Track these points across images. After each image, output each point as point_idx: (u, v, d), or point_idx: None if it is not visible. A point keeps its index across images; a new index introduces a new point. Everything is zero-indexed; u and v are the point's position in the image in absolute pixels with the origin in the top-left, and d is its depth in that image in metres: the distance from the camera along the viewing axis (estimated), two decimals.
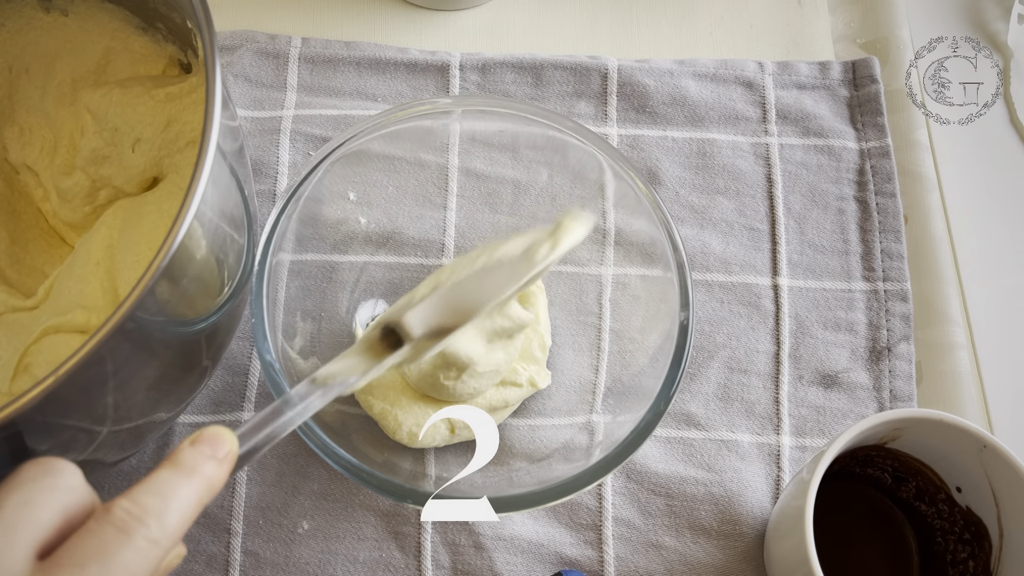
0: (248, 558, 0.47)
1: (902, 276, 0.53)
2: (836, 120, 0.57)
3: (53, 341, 0.42)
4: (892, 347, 0.52)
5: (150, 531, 0.26)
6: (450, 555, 0.47)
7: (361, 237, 0.51)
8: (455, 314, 0.37)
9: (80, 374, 0.30)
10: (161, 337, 0.36)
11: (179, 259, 0.32)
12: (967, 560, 0.44)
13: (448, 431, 0.46)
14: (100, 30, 0.47)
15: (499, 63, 0.57)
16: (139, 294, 0.30)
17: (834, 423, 0.50)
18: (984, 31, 0.61)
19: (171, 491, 0.28)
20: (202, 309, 0.38)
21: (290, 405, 0.33)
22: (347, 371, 0.35)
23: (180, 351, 0.38)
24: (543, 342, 0.50)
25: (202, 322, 0.38)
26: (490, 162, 0.53)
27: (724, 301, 0.52)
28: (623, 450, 0.42)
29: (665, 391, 0.42)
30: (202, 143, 0.33)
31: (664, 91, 0.57)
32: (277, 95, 0.56)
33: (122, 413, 0.36)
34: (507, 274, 0.37)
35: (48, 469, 0.27)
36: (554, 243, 0.38)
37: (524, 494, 0.41)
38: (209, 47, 0.35)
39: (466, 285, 0.37)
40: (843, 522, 0.47)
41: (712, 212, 0.54)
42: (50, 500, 0.26)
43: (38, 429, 0.32)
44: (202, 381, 0.43)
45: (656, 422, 0.42)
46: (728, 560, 0.47)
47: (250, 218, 0.42)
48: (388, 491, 0.41)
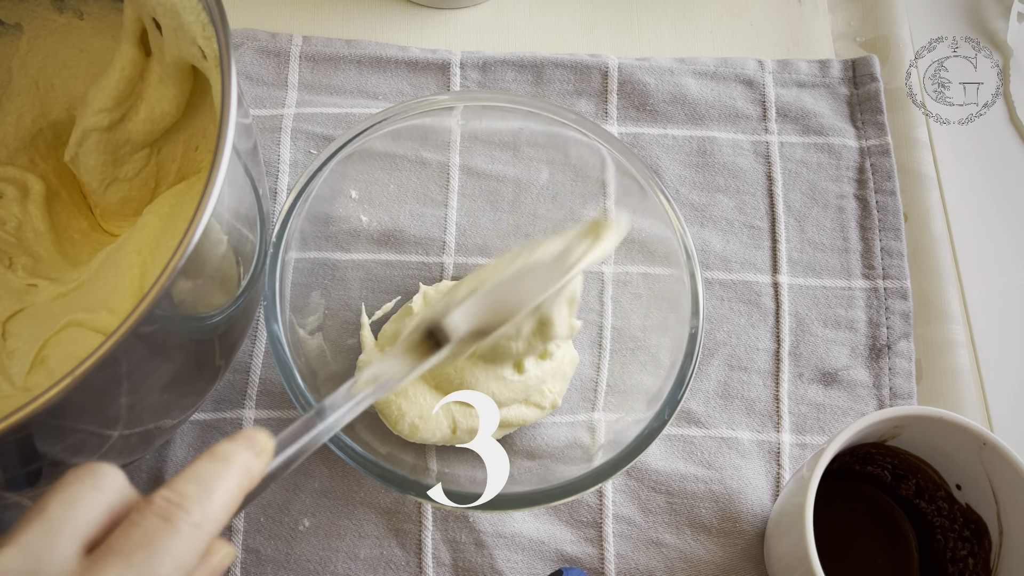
0: (249, 555, 0.47)
1: (902, 274, 0.53)
2: (836, 118, 0.57)
3: (73, 335, 0.42)
4: (892, 345, 0.52)
5: (191, 516, 0.27)
6: (451, 552, 0.47)
7: (363, 235, 0.52)
8: (495, 315, 0.37)
9: (93, 378, 0.30)
10: (176, 338, 0.36)
11: (195, 259, 0.32)
12: (967, 557, 0.44)
13: (450, 429, 0.46)
14: (114, 33, 0.47)
15: (500, 61, 0.57)
16: (153, 297, 0.31)
17: (834, 420, 0.50)
18: (983, 29, 0.61)
19: (210, 478, 0.28)
20: (217, 307, 0.38)
21: (331, 409, 0.34)
22: (390, 373, 0.36)
23: (194, 351, 0.38)
24: (573, 358, 0.49)
25: (217, 319, 0.38)
26: (491, 160, 0.53)
27: (724, 299, 0.53)
28: (626, 455, 0.42)
29: (672, 396, 0.42)
30: (218, 142, 0.33)
31: (664, 89, 0.57)
32: (278, 93, 0.56)
33: (134, 416, 0.36)
34: (545, 275, 0.38)
35: (92, 471, 0.27)
36: (591, 244, 0.38)
37: (527, 492, 0.41)
38: (224, 47, 0.35)
39: (505, 286, 0.38)
40: (843, 520, 0.47)
41: (712, 210, 0.55)
42: (95, 498, 0.27)
43: (49, 432, 0.32)
44: (214, 383, 0.43)
45: (660, 429, 0.42)
46: (728, 557, 0.47)
47: (263, 216, 0.42)
48: (391, 481, 0.41)
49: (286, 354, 0.43)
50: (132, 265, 0.43)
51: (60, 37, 0.47)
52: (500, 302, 0.37)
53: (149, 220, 0.44)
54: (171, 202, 0.45)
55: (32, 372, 0.42)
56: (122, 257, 0.43)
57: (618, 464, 0.41)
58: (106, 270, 0.44)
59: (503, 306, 0.37)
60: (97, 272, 0.44)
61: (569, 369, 0.49)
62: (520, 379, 0.46)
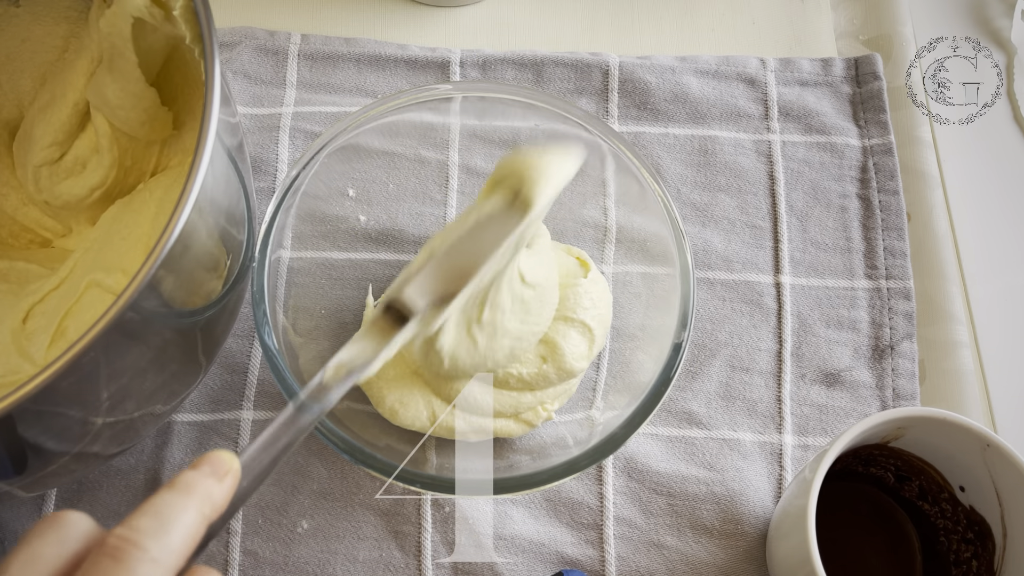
0: (247, 557, 0.46)
1: (905, 274, 0.53)
2: (839, 117, 0.57)
3: (91, 300, 0.41)
4: (895, 345, 0.51)
5: (147, 551, 0.26)
6: (451, 553, 0.47)
7: (361, 235, 0.51)
8: (454, 279, 0.36)
9: (75, 366, 0.30)
10: (157, 329, 0.35)
11: (175, 253, 0.32)
12: (970, 560, 0.44)
13: (428, 420, 0.46)
14: (54, 16, 0.46)
15: (500, 59, 0.57)
16: (136, 287, 0.30)
17: (836, 422, 0.50)
18: (987, 28, 0.61)
19: (168, 510, 0.27)
20: (199, 301, 0.37)
21: (305, 410, 0.33)
22: (357, 358, 0.35)
23: (176, 344, 0.38)
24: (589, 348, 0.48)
25: (199, 315, 0.38)
26: (491, 159, 0.53)
27: (726, 299, 0.52)
28: (608, 441, 0.42)
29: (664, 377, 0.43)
30: (201, 129, 0.33)
31: (666, 88, 0.57)
32: (276, 92, 0.56)
33: (116, 404, 0.36)
34: (499, 226, 0.37)
35: (55, 523, 0.27)
36: (542, 182, 0.36)
37: (518, 476, 0.41)
38: (208, 36, 0.35)
39: (460, 247, 0.37)
40: (846, 522, 0.47)
41: (714, 209, 0.54)
42: (57, 552, 0.26)
43: (31, 418, 0.32)
44: (197, 377, 0.43)
45: (646, 413, 0.42)
46: (730, 560, 0.47)
47: (251, 213, 0.41)
48: (389, 473, 0.41)
49: (275, 354, 0.43)
50: (144, 228, 0.42)
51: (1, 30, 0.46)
52: (457, 264, 0.36)
53: (160, 182, 0.44)
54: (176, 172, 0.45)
55: (52, 345, 0.41)
56: (142, 205, 0.43)
57: (597, 453, 0.42)
58: (127, 208, 0.43)
59: (461, 267, 0.36)
60: (109, 230, 0.44)
61: (583, 362, 0.48)
62: (513, 395, 0.46)
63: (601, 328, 0.47)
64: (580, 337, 0.46)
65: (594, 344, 0.47)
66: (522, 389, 0.46)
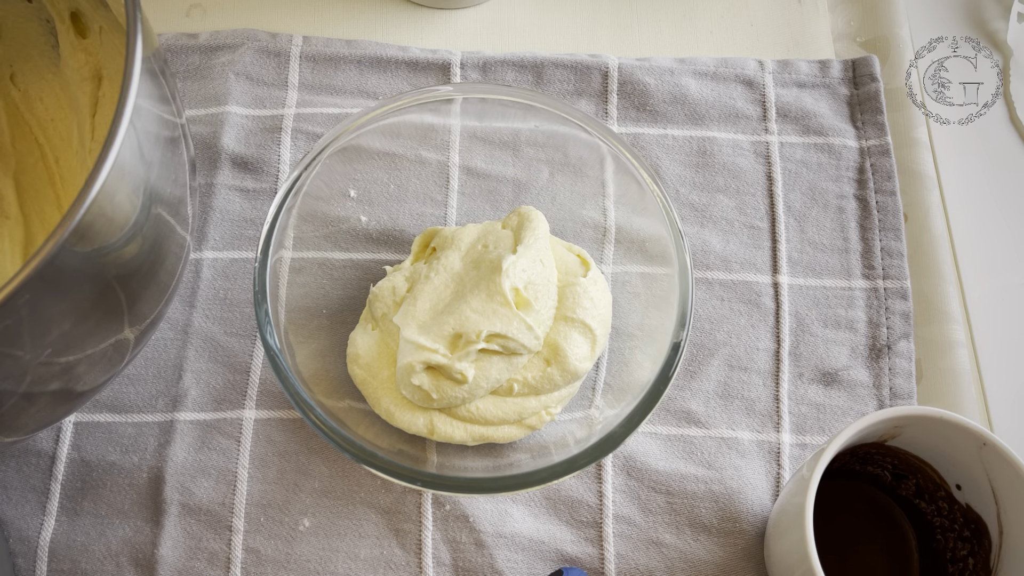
0: (249, 555, 0.47)
1: (902, 274, 0.53)
2: (836, 118, 0.57)
3: None
4: (892, 345, 0.52)
5: None
6: (451, 552, 0.47)
7: (362, 235, 0.52)
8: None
9: None
10: (73, 267, 0.34)
11: None
12: (967, 557, 0.44)
13: (424, 427, 0.46)
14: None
15: (500, 61, 0.57)
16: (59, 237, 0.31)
17: (834, 421, 0.50)
18: (984, 30, 0.61)
19: None
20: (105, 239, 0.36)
21: None
22: None
23: (90, 287, 0.36)
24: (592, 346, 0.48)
25: (107, 253, 0.36)
26: (491, 160, 0.53)
27: (724, 299, 0.53)
28: (608, 439, 0.43)
29: (663, 375, 0.43)
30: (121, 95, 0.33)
31: (664, 89, 0.57)
32: (278, 93, 0.56)
33: (39, 343, 0.35)
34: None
35: None
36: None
37: (518, 475, 0.42)
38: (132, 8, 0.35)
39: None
40: (843, 520, 0.47)
41: (712, 210, 0.55)
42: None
43: None
44: (124, 356, 0.41)
45: (647, 409, 0.43)
46: (728, 557, 0.47)
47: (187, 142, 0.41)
48: (391, 471, 0.41)
49: (277, 354, 0.43)
50: None
51: None
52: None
53: None
54: None
55: None
56: None
57: (596, 451, 0.42)
58: None
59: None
60: None
61: (585, 364, 0.48)
62: (517, 401, 0.46)
63: (602, 328, 0.47)
64: (582, 338, 0.46)
65: (596, 344, 0.47)
66: (527, 394, 0.46)
